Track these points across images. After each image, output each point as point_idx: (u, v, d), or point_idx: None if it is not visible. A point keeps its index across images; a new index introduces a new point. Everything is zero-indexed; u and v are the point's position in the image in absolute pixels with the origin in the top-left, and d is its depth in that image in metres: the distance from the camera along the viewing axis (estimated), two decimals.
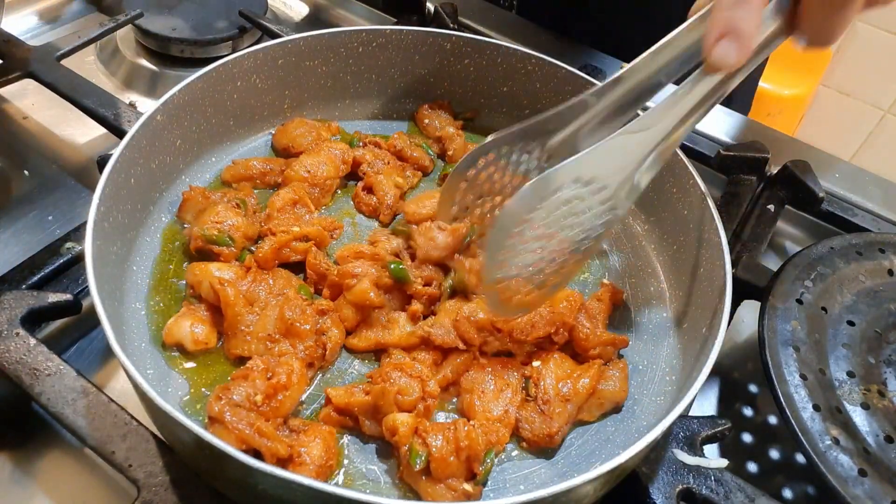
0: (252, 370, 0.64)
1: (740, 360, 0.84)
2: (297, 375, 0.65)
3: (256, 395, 0.63)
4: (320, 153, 0.86)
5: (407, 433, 0.62)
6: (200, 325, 0.70)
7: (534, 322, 0.72)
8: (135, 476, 0.58)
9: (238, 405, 0.61)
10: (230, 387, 0.63)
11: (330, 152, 0.87)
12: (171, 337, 0.69)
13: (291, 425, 0.64)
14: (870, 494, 0.61)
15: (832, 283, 0.78)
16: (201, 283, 0.71)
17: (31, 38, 1.12)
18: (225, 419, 0.60)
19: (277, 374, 0.64)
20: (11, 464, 0.65)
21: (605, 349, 0.73)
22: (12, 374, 0.63)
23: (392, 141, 0.92)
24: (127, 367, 0.55)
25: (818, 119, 2.64)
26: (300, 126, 0.91)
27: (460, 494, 0.61)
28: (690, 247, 0.80)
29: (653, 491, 0.62)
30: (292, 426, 0.64)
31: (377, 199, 0.86)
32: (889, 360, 0.73)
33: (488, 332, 0.72)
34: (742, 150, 0.95)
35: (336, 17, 1.27)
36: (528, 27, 1.21)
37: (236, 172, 0.86)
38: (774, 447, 0.76)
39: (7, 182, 0.92)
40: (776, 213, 0.91)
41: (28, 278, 0.72)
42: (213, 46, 1.11)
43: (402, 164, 0.91)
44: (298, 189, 0.83)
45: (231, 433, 0.59)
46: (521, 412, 0.68)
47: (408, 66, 0.96)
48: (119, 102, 0.91)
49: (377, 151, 0.90)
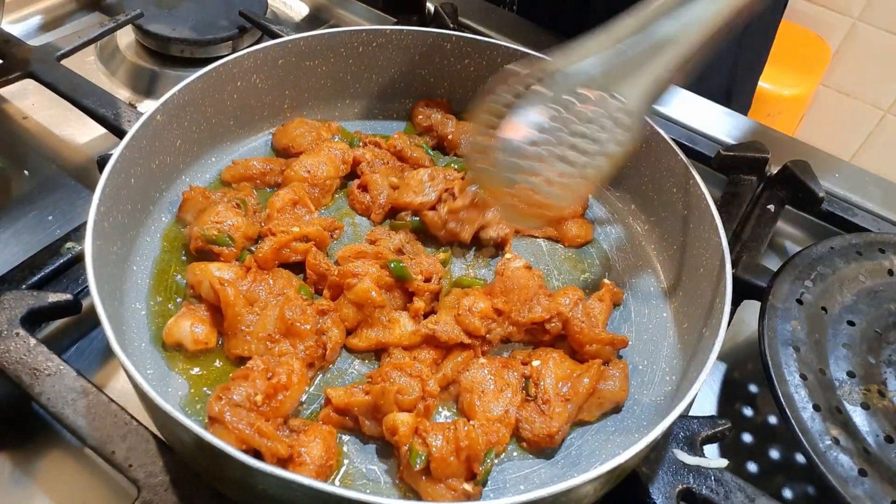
0: (252, 370, 0.64)
1: (740, 360, 0.84)
2: (298, 375, 0.65)
3: (256, 395, 0.63)
4: (320, 153, 0.86)
5: (407, 433, 0.62)
6: (200, 325, 0.70)
7: (531, 306, 0.72)
8: (135, 476, 0.58)
9: (238, 405, 0.61)
10: (230, 387, 0.63)
11: (330, 152, 0.87)
12: (171, 337, 0.69)
13: (291, 425, 0.64)
14: (870, 494, 0.61)
15: (832, 283, 0.78)
16: (201, 282, 0.71)
17: (31, 38, 1.12)
18: (225, 419, 0.60)
19: (277, 374, 0.64)
20: (11, 464, 0.65)
21: (605, 349, 0.73)
22: (12, 374, 0.63)
23: (392, 141, 0.92)
24: (127, 367, 0.55)
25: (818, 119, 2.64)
26: (300, 126, 0.91)
27: (460, 494, 0.61)
28: (690, 247, 0.80)
29: (653, 491, 0.62)
30: (292, 426, 0.64)
31: (370, 197, 0.86)
32: (889, 360, 0.73)
33: (491, 320, 0.72)
34: (742, 150, 0.95)
35: (336, 17, 1.27)
36: (528, 27, 1.21)
37: (236, 172, 0.86)
38: (774, 447, 0.76)
39: (7, 182, 0.92)
40: (776, 213, 0.91)
41: (28, 278, 0.72)
42: (213, 46, 1.11)
43: (401, 164, 0.91)
44: (298, 189, 0.83)
45: (231, 433, 0.59)
46: (522, 412, 0.68)
47: (408, 66, 0.96)
48: (119, 102, 0.91)
49: (377, 151, 0.90)
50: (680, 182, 0.81)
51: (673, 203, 0.83)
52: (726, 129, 1.06)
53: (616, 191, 0.92)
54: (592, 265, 0.86)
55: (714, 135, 1.05)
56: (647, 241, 0.88)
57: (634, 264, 0.86)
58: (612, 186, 0.92)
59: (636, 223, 0.90)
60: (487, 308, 0.72)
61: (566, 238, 0.86)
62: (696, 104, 1.10)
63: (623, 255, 0.87)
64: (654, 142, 0.84)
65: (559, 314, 0.73)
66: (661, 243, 0.86)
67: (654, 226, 0.88)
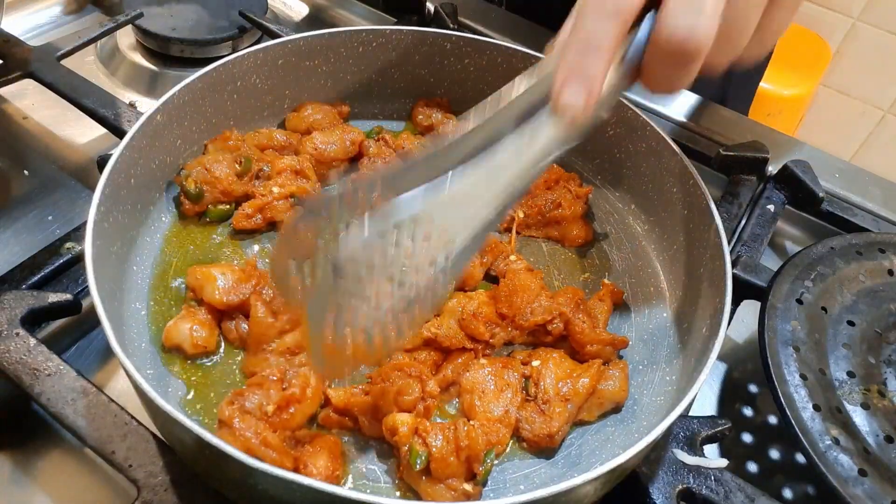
0: (267, 379, 0.64)
1: (740, 360, 0.84)
2: (312, 389, 0.64)
3: (268, 405, 0.62)
4: (333, 133, 0.89)
5: (407, 433, 0.62)
6: (201, 328, 0.69)
7: (533, 308, 0.72)
8: (135, 476, 0.58)
9: (249, 412, 0.61)
10: (245, 392, 0.62)
11: (342, 135, 0.89)
12: (170, 340, 0.69)
13: (297, 435, 0.63)
14: (870, 494, 0.61)
15: (832, 283, 0.78)
16: (203, 287, 0.71)
17: (31, 38, 1.12)
18: (234, 425, 0.60)
19: (292, 385, 0.63)
20: (11, 464, 0.65)
21: (605, 349, 0.73)
22: (12, 374, 0.63)
23: (400, 141, 0.92)
24: (127, 367, 0.55)
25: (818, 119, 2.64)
26: (315, 110, 0.92)
27: (460, 494, 0.61)
28: (690, 247, 0.80)
29: (653, 491, 0.62)
30: (298, 436, 0.63)
31: None
32: (889, 360, 0.73)
33: (495, 324, 0.72)
34: (742, 150, 0.95)
35: (336, 17, 1.27)
36: (528, 27, 1.21)
37: (259, 142, 0.88)
38: (774, 447, 0.76)
39: (7, 182, 0.92)
40: (776, 213, 0.91)
41: (28, 278, 0.72)
42: (213, 46, 1.11)
43: None
44: (303, 160, 0.84)
45: (237, 440, 0.59)
46: (522, 412, 0.68)
47: (408, 66, 0.95)
48: (119, 102, 0.91)
49: (383, 149, 0.91)
50: (680, 182, 0.81)
51: (673, 203, 0.83)
52: (726, 129, 1.06)
53: (616, 191, 0.92)
54: (592, 265, 0.86)
55: (714, 135, 1.05)
56: (647, 241, 0.88)
57: (634, 264, 0.86)
58: (612, 186, 0.92)
59: (636, 223, 0.90)
60: (491, 312, 0.72)
61: (566, 238, 0.86)
62: (696, 104, 1.10)
63: (623, 255, 0.87)
64: (654, 142, 0.84)
65: (561, 314, 0.73)
66: (661, 243, 0.86)
67: (654, 226, 0.88)
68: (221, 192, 0.80)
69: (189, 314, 0.71)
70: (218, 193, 0.80)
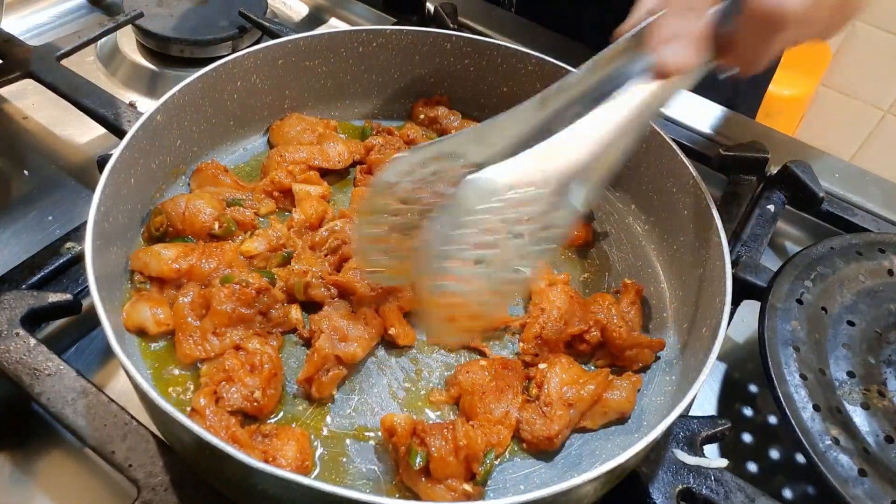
0: (232, 370, 0.65)
1: (740, 360, 0.84)
2: (275, 358, 0.66)
3: (254, 391, 0.63)
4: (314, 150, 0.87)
5: (405, 434, 0.62)
6: (159, 307, 0.70)
7: (567, 320, 0.72)
8: (135, 476, 0.58)
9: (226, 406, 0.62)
10: (220, 389, 0.63)
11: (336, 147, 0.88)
12: (132, 322, 0.69)
13: (263, 430, 0.64)
14: (870, 494, 0.61)
15: (832, 283, 0.78)
16: (148, 263, 0.72)
17: (31, 38, 1.11)
18: (206, 416, 0.61)
19: (260, 363, 0.65)
20: (11, 464, 0.65)
21: (644, 352, 0.73)
22: (12, 374, 0.63)
23: (405, 130, 0.92)
24: (127, 367, 0.55)
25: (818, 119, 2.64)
26: (298, 123, 0.91)
27: (460, 495, 0.61)
28: (690, 247, 0.80)
29: (653, 491, 0.62)
30: (264, 431, 0.64)
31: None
32: (889, 360, 0.73)
33: (533, 347, 0.73)
34: (742, 150, 0.95)
35: (336, 17, 1.27)
36: (528, 27, 1.21)
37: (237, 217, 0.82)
38: (774, 447, 0.76)
39: (7, 182, 0.92)
40: (776, 213, 0.91)
41: (28, 278, 0.72)
42: (213, 46, 1.11)
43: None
44: (284, 232, 0.80)
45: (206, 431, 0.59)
46: (523, 413, 0.67)
47: (408, 66, 0.95)
48: (119, 102, 0.91)
49: (389, 138, 0.91)
50: (680, 182, 0.81)
51: (673, 203, 0.83)
52: (726, 129, 1.06)
53: (616, 191, 0.92)
54: (592, 265, 0.86)
55: (714, 135, 1.05)
56: (647, 241, 0.88)
57: (634, 264, 0.86)
58: (612, 186, 0.92)
59: (636, 223, 0.90)
60: (528, 336, 0.73)
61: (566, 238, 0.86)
62: (697, 104, 1.10)
63: (623, 255, 0.87)
64: (654, 142, 0.84)
65: (596, 322, 0.73)
66: (661, 243, 0.86)
67: (654, 226, 0.88)
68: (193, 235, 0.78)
69: (143, 296, 0.71)
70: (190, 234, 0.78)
